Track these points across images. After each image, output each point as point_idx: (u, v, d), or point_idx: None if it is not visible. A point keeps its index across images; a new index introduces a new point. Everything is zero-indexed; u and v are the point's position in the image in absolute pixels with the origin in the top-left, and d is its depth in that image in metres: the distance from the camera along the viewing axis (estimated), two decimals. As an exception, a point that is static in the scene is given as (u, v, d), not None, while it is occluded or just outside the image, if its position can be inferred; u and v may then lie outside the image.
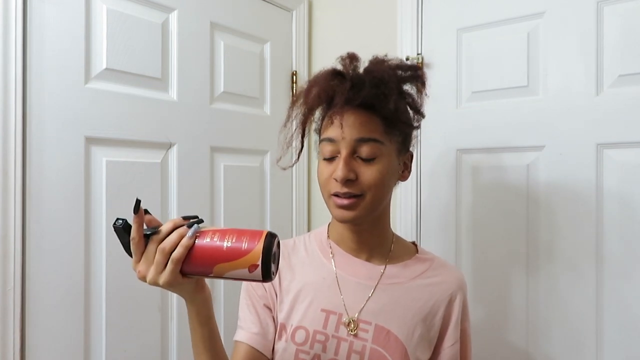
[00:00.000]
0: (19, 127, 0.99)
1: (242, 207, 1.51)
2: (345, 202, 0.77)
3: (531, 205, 1.26)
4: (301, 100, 0.79)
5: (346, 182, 0.76)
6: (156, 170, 1.26)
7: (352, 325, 0.81)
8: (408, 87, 0.82)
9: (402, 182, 0.87)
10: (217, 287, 1.41)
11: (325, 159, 0.80)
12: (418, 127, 0.86)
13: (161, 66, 1.27)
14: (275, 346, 0.84)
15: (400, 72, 0.80)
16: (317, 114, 0.84)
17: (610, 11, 1.15)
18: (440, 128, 1.40)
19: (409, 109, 0.83)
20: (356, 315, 0.82)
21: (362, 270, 0.85)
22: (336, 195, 0.78)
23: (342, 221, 0.80)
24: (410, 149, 0.88)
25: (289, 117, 0.82)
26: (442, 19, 1.41)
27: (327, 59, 0.83)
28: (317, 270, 0.86)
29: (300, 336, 0.82)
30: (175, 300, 1.29)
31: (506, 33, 1.30)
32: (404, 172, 0.87)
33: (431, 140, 1.41)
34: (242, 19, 1.50)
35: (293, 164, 0.92)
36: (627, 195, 1.13)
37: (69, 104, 1.08)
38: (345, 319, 0.81)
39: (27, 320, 1.01)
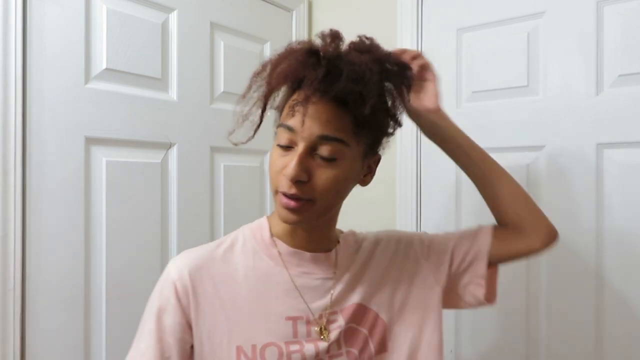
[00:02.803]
0: (19, 127, 0.99)
1: (242, 207, 1.51)
2: (291, 204, 0.67)
3: (531, 205, 1.26)
4: (266, 74, 0.70)
5: (296, 182, 0.66)
6: (156, 170, 1.26)
7: (323, 320, 0.74)
8: (391, 85, 0.71)
9: (402, 182, 0.85)
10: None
11: (280, 147, 0.70)
12: (392, 134, 0.76)
13: (161, 66, 1.27)
14: None
15: (386, 65, 0.69)
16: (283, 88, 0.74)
17: (610, 11, 1.15)
18: (440, 128, 1.40)
19: (386, 113, 0.73)
20: (323, 312, 0.74)
21: (317, 263, 0.76)
22: (283, 194, 0.68)
23: (286, 222, 0.71)
24: (381, 152, 0.77)
25: (249, 87, 0.72)
26: (442, 18, 1.41)
27: (327, 59, 0.82)
28: (267, 277, 0.75)
29: (272, 354, 0.71)
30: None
31: (506, 33, 1.30)
32: (367, 176, 0.76)
33: (431, 140, 1.41)
34: (242, 19, 1.50)
35: (247, 141, 0.78)
36: (627, 195, 1.13)
37: (69, 104, 1.08)
38: (312, 318, 0.73)
39: (27, 320, 1.02)
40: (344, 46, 0.69)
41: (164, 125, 1.28)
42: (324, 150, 0.66)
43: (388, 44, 0.74)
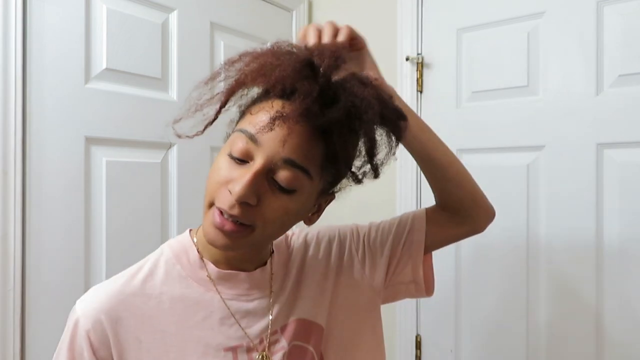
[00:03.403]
0: (19, 127, 0.99)
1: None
2: (227, 226, 0.56)
3: (531, 205, 1.26)
4: (240, 66, 0.61)
5: (242, 203, 0.55)
6: (156, 170, 1.26)
7: (265, 344, 0.67)
8: (382, 132, 0.62)
9: (402, 181, 0.80)
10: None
11: (231, 158, 0.59)
12: (360, 181, 0.66)
13: (161, 66, 1.27)
14: None
15: (383, 109, 0.59)
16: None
17: (610, 11, 1.15)
18: (440, 128, 1.39)
19: (366, 161, 0.63)
20: (264, 335, 0.67)
21: (252, 285, 0.68)
22: (221, 211, 0.57)
23: (213, 245, 0.59)
24: (337, 192, 0.68)
25: (217, 74, 0.63)
26: (442, 19, 1.42)
27: (327, 59, 0.81)
28: (197, 306, 0.65)
29: None
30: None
31: (506, 33, 1.30)
32: (314, 215, 0.67)
33: (431, 140, 1.41)
34: (242, 19, 1.50)
35: (192, 136, 0.66)
36: (627, 195, 1.13)
37: (69, 104, 1.08)
38: (253, 345, 0.66)
39: (27, 320, 1.02)
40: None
41: (164, 125, 1.27)
42: (284, 176, 0.56)
43: (388, 44, 0.71)
